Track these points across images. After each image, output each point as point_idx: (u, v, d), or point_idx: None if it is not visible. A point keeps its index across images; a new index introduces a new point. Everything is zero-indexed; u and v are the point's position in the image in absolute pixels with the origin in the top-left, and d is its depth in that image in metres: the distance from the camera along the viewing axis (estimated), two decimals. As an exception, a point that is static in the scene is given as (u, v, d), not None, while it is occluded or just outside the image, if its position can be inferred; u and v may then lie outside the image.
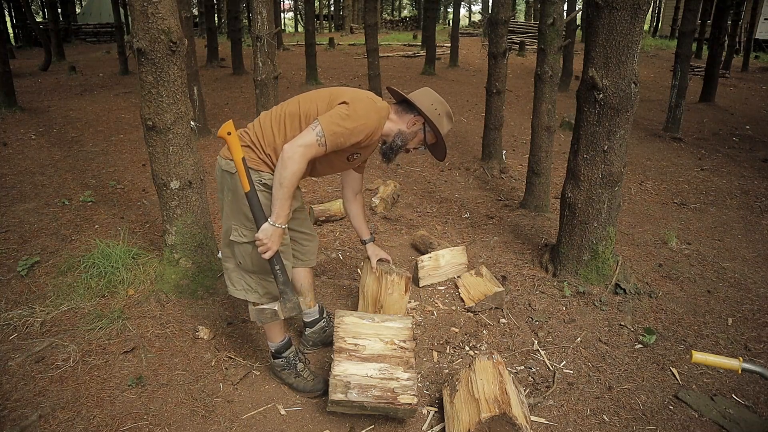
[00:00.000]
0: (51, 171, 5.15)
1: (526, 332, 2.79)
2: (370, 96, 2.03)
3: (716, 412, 2.23)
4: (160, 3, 2.65)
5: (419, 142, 2.18)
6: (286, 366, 2.30)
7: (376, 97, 2.06)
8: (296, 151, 1.85)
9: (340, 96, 1.99)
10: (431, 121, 2.11)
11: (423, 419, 2.17)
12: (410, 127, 2.13)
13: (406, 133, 2.12)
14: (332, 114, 1.90)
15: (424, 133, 2.15)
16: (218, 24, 21.23)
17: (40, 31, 14.08)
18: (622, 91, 2.84)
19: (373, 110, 1.97)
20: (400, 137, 2.11)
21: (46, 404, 2.20)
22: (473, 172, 5.51)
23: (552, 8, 4.07)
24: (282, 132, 2.00)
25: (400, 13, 47.93)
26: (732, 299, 3.14)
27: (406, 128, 2.12)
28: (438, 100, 2.14)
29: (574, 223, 3.19)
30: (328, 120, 1.88)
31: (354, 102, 1.93)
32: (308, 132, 1.88)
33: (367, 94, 2.04)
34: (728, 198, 4.98)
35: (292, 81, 11.40)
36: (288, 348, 2.31)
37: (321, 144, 1.88)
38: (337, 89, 2.07)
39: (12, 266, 3.26)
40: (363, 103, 1.95)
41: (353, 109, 1.91)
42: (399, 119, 2.13)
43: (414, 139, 2.16)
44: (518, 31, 19.98)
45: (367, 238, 2.58)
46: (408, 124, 2.12)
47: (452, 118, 2.18)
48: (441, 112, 2.13)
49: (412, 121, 2.12)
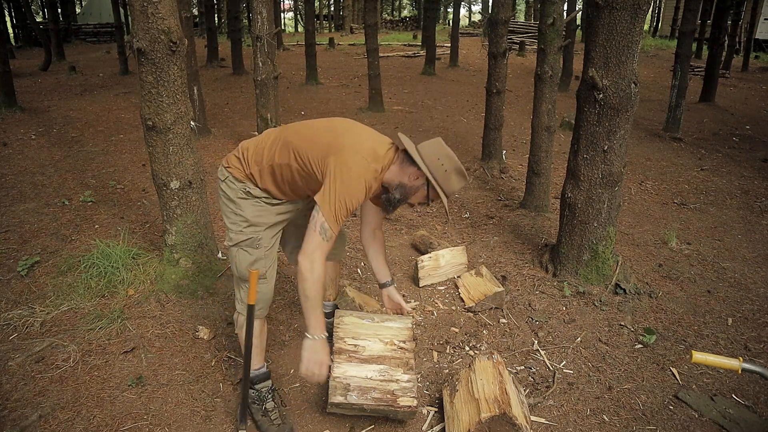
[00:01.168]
0: (51, 171, 5.15)
1: (526, 332, 2.79)
2: (369, 150, 1.84)
3: (716, 412, 2.23)
4: (160, 3, 2.65)
5: (422, 198, 1.97)
6: (256, 399, 2.13)
7: (376, 148, 1.88)
8: (311, 260, 1.78)
9: (336, 153, 1.80)
10: (435, 180, 1.89)
11: (423, 419, 2.17)
12: (412, 181, 1.91)
13: (407, 187, 1.92)
14: (330, 200, 1.76)
15: (427, 190, 1.93)
16: (218, 24, 21.22)
17: (40, 31, 14.09)
18: (622, 91, 2.84)
19: (366, 173, 1.81)
20: (400, 191, 1.92)
21: (46, 404, 2.20)
22: (473, 172, 5.51)
23: (552, 8, 4.07)
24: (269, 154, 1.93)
25: (400, 13, 47.93)
26: (732, 299, 3.14)
27: (408, 182, 1.91)
28: (447, 155, 1.90)
29: (574, 223, 3.19)
30: (328, 211, 1.75)
31: (348, 170, 1.77)
32: (312, 235, 1.78)
33: (364, 147, 1.85)
34: (728, 198, 4.98)
35: (292, 81, 11.40)
36: (263, 381, 2.16)
37: (329, 239, 1.79)
38: (335, 136, 1.87)
39: (12, 266, 3.26)
40: (356, 169, 1.78)
41: (348, 183, 1.77)
42: (401, 170, 1.91)
43: (416, 195, 1.95)
44: (518, 31, 19.98)
45: (386, 281, 2.35)
46: (410, 178, 1.91)
47: (465, 175, 1.94)
48: (449, 169, 1.89)
49: (415, 175, 1.90)
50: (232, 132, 6.99)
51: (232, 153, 2.04)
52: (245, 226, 1.99)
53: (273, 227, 2.04)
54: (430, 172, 1.88)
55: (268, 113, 5.56)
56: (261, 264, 2.01)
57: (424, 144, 1.94)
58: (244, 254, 2.00)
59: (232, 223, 2.00)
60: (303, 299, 1.82)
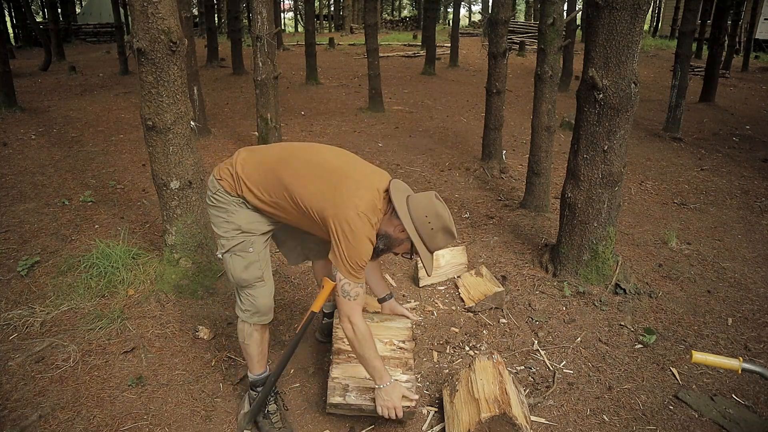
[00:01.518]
0: (51, 171, 5.15)
1: (526, 332, 2.79)
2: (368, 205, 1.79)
3: (716, 412, 2.23)
4: (160, 3, 2.65)
5: (406, 251, 1.93)
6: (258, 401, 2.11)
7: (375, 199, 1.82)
8: (350, 323, 1.84)
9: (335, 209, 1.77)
10: (419, 238, 1.85)
11: (423, 419, 2.17)
12: (397, 233, 1.87)
13: (391, 238, 1.88)
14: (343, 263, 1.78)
15: (411, 244, 1.87)
16: (218, 24, 21.22)
17: (40, 31, 14.09)
18: (622, 91, 2.84)
19: (368, 230, 1.80)
20: (384, 241, 1.89)
21: (46, 404, 2.20)
22: (473, 172, 5.51)
23: (552, 8, 4.07)
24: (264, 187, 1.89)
25: (400, 13, 47.93)
26: (732, 299, 3.14)
27: (393, 233, 1.87)
28: (435, 213, 1.84)
29: (574, 223, 3.19)
30: (344, 272, 1.80)
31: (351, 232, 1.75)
32: (340, 301, 1.84)
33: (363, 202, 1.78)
34: (728, 198, 4.98)
35: (292, 81, 11.40)
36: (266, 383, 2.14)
37: (355, 296, 1.83)
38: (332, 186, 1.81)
39: (12, 266, 3.26)
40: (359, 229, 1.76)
41: (354, 244, 1.76)
42: (389, 221, 1.87)
43: (400, 246, 1.92)
44: (518, 31, 19.98)
45: (384, 295, 2.38)
46: (396, 230, 1.87)
47: (453, 234, 1.89)
48: (436, 228, 1.84)
49: (401, 228, 1.85)
50: (232, 132, 6.99)
51: (224, 165, 1.97)
52: (237, 232, 1.94)
53: (266, 234, 2.01)
54: (415, 229, 1.84)
55: (268, 113, 5.56)
56: (256, 267, 1.97)
57: (415, 197, 1.89)
58: (238, 259, 1.96)
59: (224, 231, 1.95)
60: (360, 359, 1.90)
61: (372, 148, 6.41)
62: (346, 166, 1.91)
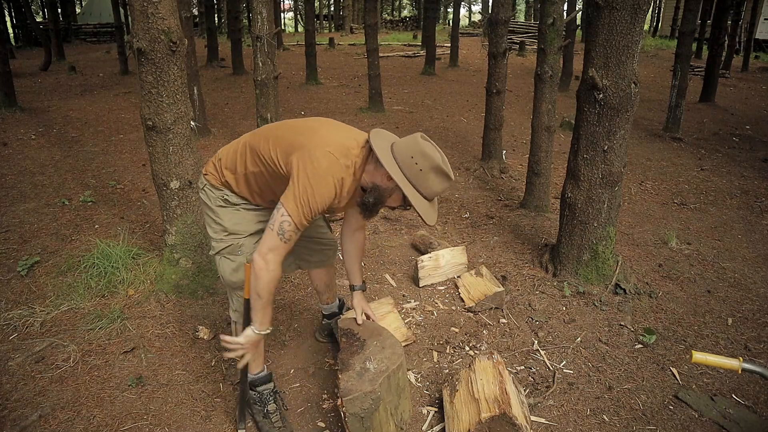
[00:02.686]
0: (51, 171, 5.15)
1: (526, 332, 2.79)
2: (337, 145, 1.70)
3: (716, 412, 2.23)
4: (160, 3, 2.65)
5: (399, 202, 1.76)
6: (258, 401, 2.07)
7: (347, 143, 1.73)
8: (266, 260, 1.68)
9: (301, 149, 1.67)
10: (408, 182, 1.67)
11: (423, 419, 2.17)
12: (385, 182, 1.71)
13: (381, 189, 1.73)
14: (292, 198, 1.64)
15: (404, 196, 1.70)
16: (218, 24, 21.23)
17: (40, 31, 14.10)
18: (622, 91, 2.84)
19: (334, 169, 1.66)
20: (374, 194, 1.73)
21: (46, 404, 2.20)
22: (473, 172, 5.51)
23: (552, 8, 4.07)
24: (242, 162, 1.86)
25: (400, 13, 47.94)
26: (732, 299, 3.14)
27: (381, 183, 1.72)
28: (422, 152, 1.66)
29: (574, 223, 3.19)
30: (289, 209, 1.64)
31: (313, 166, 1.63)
32: (269, 234, 1.68)
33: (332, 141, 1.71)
34: (728, 198, 4.98)
35: (292, 81, 11.40)
36: (264, 383, 2.09)
37: (287, 239, 1.68)
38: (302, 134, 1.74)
39: (12, 266, 3.26)
40: (322, 164, 1.64)
41: (313, 179, 1.62)
42: (375, 171, 1.73)
43: (392, 198, 1.75)
44: (518, 31, 19.99)
45: (358, 285, 2.28)
46: (383, 179, 1.71)
47: (447, 174, 1.69)
48: (425, 168, 1.66)
49: (386, 175, 1.68)
50: (232, 132, 6.99)
51: (210, 159, 1.98)
52: (225, 234, 1.93)
53: (255, 234, 1.96)
54: (401, 172, 1.67)
55: (268, 113, 5.55)
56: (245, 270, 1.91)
57: (400, 141, 1.74)
58: (227, 262, 1.95)
59: (213, 232, 1.95)
60: (254, 297, 1.75)
61: (372, 148, 6.40)
62: (321, 122, 1.84)
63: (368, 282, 3.27)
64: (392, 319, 2.65)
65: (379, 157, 1.66)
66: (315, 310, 2.95)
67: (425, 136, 1.72)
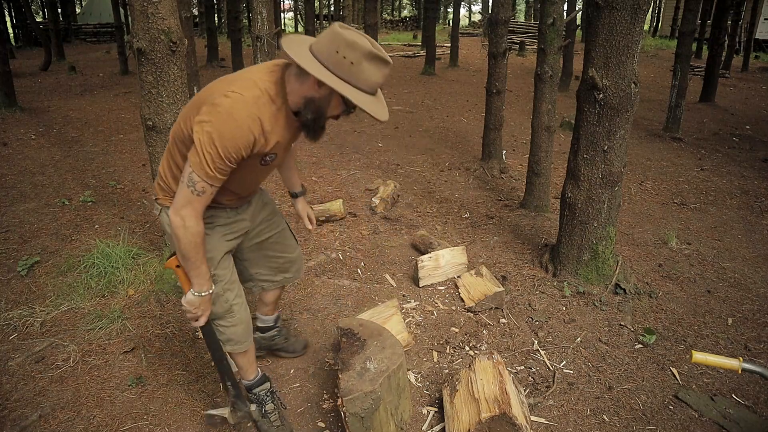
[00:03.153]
0: (51, 171, 5.15)
1: (526, 332, 2.79)
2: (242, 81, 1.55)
3: (716, 412, 2.23)
4: (160, 3, 2.65)
5: (341, 107, 1.58)
6: (255, 402, 2.05)
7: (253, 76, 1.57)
8: (181, 216, 1.55)
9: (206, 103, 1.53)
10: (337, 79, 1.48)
11: (423, 419, 2.17)
12: (317, 90, 1.54)
13: (315, 101, 1.56)
14: (198, 146, 1.49)
15: (342, 98, 1.53)
16: (218, 24, 21.23)
17: (40, 31, 14.09)
18: (622, 91, 2.84)
19: (243, 105, 1.49)
20: (311, 108, 1.57)
21: (46, 404, 2.20)
22: (473, 172, 5.51)
23: (552, 8, 4.07)
24: (174, 161, 1.69)
25: (400, 13, 47.94)
26: (732, 299, 3.14)
27: (314, 93, 1.55)
28: (347, 43, 1.45)
29: (574, 223, 3.19)
30: (196, 161, 1.50)
31: (217, 110, 1.48)
32: (181, 189, 1.55)
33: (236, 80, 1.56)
34: (728, 198, 4.98)
35: (292, 81, 11.38)
36: (260, 384, 2.06)
37: (200, 191, 1.53)
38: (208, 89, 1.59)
39: (12, 266, 3.26)
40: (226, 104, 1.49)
41: (219, 121, 1.47)
42: (301, 84, 1.55)
43: (332, 104, 1.57)
44: (518, 31, 19.99)
45: (299, 191, 2.19)
46: (313, 88, 1.54)
47: (383, 58, 1.50)
48: (355, 59, 1.46)
49: (317, 81, 1.51)
50: (232, 132, 6.99)
51: (155, 182, 1.80)
52: None
53: (226, 257, 1.85)
54: (331, 73, 1.48)
55: (268, 113, 5.55)
56: (223, 299, 1.84)
57: (318, 39, 1.53)
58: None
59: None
60: (182, 260, 1.65)
61: (372, 148, 6.41)
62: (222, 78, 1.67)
63: (368, 282, 3.27)
64: (395, 323, 2.63)
65: (299, 63, 1.46)
66: (315, 309, 2.95)
67: (344, 25, 1.51)
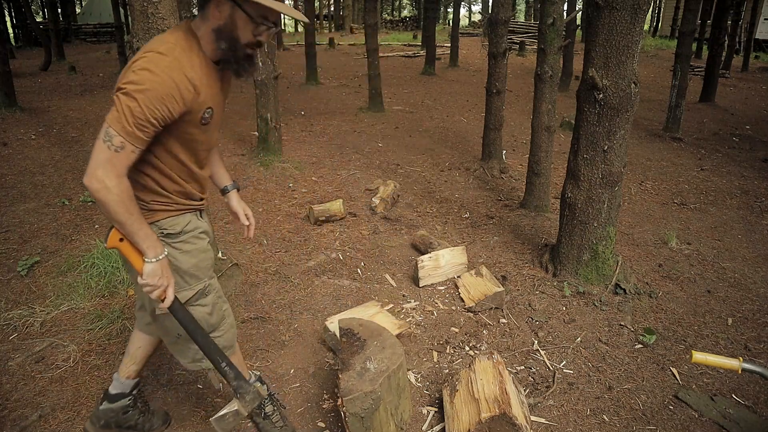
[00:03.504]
0: (51, 171, 5.15)
1: (526, 332, 2.79)
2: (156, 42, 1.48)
3: (716, 412, 2.23)
4: (160, 3, 2.65)
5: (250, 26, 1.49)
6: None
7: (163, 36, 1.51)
8: (97, 179, 1.39)
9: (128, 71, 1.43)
10: None
11: (423, 419, 2.17)
12: (221, 17, 1.48)
13: (222, 28, 1.48)
14: (116, 107, 1.40)
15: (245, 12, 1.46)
16: (218, 24, 21.14)
17: (40, 31, 14.10)
18: (622, 91, 2.84)
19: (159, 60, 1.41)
20: (223, 39, 1.49)
21: (46, 404, 2.20)
22: (473, 172, 5.51)
23: (552, 8, 4.07)
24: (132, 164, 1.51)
25: (400, 13, 47.97)
26: (732, 299, 3.14)
27: (219, 22, 1.48)
28: None
29: (574, 223, 3.19)
30: (113, 116, 1.40)
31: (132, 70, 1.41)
32: (96, 147, 1.41)
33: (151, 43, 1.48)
34: (728, 198, 4.98)
35: (292, 81, 11.40)
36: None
37: (118, 146, 1.40)
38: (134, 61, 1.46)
39: (12, 266, 3.26)
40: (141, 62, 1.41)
41: (137, 78, 1.39)
42: (203, 21, 1.51)
43: (241, 28, 1.48)
44: (518, 31, 20.00)
45: (230, 185, 1.96)
46: (217, 17, 1.48)
47: None
48: None
49: (217, 10, 1.47)
50: (232, 132, 6.99)
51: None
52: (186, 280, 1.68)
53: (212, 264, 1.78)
54: None
55: (268, 113, 5.55)
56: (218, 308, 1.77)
57: None
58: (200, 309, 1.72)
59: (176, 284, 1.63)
60: (120, 228, 1.48)
61: (372, 148, 6.41)
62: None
63: (368, 282, 3.27)
64: (382, 318, 2.66)
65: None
66: (315, 310, 2.95)
67: None
